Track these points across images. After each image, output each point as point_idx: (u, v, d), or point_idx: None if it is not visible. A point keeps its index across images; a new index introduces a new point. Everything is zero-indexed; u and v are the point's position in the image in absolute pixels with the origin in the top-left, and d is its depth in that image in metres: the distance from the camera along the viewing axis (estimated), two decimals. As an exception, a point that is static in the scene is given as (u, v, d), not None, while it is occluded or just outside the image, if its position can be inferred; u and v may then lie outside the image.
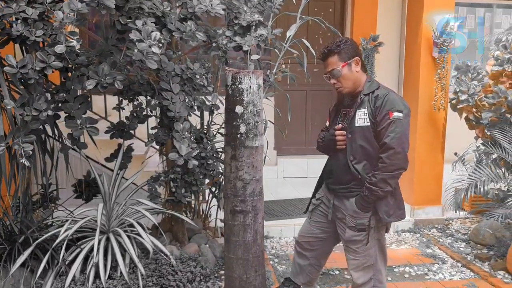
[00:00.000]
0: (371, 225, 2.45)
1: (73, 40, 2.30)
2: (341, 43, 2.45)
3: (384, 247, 2.59)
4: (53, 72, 2.52)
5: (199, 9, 2.73)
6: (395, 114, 2.33)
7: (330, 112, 2.76)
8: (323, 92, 6.38)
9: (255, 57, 3.01)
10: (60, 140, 3.09)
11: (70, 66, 2.65)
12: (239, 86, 2.74)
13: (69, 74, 2.77)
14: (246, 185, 2.87)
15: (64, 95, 2.70)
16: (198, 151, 2.88)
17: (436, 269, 3.64)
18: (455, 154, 4.80)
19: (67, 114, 2.71)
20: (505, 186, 3.98)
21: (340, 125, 2.56)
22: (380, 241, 2.54)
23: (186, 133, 2.75)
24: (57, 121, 2.96)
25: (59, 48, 2.26)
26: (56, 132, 3.11)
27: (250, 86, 2.75)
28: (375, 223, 2.46)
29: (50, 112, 2.47)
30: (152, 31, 2.32)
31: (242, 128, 2.77)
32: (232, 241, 2.95)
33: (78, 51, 2.73)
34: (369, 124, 2.39)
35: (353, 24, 6.04)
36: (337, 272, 3.57)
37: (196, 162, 2.78)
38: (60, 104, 2.72)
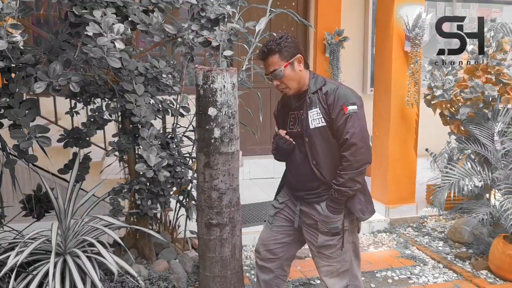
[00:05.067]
0: (345, 228, 2.30)
1: (16, 35, 1.92)
2: (281, 41, 2.21)
3: (358, 250, 2.44)
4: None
5: (164, -1, 2.39)
6: (350, 107, 2.18)
7: (276, 116, 2.53)
8: (288, 89, 6.15)
9: (228, 53, 2.71)
10: (4, 152, 2.66)
11: (13, 65, 2.26)
12: (211, 85, 2.46)
13: (12, 75, 2.37)
14: (222, 195, 2.59)
15: (7, 99, 2.30)
16: (168, 160, 2.54)
17: (418, 271, 3.50)
18: (426, 150, 4.72)
19: (12, 122, 2.32)
20: (479, 181, 3.91)
21: (284, 131, 2.40)
22: (355, 244, 2.40)
23: (154, 140, 2.41)
24: (-1, 130, 2.55)
25: (0, 45, 1.88)
26: (-1, 142, 2.68)
27: (224, 86, 2.48)
28: (349, 225, 2.33)
29: (-10, 122, 2.07)
30: (113, 24, 1.97)
31: (216, 132, 2.50)
32: (208, 258, 2.67)
33: (22, 48, 2.35)
34: (324, 123, 2.22)
35: (317, 18, 5.84)
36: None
37: (168, 174, 2.46)
38: (2, 111, 2.32)
